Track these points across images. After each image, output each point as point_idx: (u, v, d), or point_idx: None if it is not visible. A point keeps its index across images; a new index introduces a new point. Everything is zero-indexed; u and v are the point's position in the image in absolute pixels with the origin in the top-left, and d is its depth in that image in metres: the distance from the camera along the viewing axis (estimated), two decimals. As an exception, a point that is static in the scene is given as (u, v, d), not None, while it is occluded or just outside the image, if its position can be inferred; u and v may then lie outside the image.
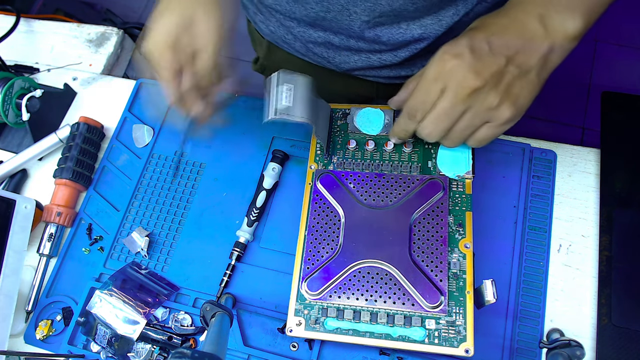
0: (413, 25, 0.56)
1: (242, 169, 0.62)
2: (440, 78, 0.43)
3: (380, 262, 0.48)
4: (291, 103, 0.47)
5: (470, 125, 0.45)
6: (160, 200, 0.62)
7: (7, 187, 0.66)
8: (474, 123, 0.45)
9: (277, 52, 0.73)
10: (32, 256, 0.62)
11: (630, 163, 0.55)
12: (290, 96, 0.47)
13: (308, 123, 0.48)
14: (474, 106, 0.43)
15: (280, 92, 0.47)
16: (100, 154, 0.67)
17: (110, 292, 0.55)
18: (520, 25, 0.43)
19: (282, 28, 0.64)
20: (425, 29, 0.56)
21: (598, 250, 0.53)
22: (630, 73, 1.59)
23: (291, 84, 0.48)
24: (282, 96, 0.47)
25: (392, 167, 0.53)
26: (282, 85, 0.47)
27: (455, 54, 0.43)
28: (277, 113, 0.46)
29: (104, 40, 0.78)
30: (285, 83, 0.47)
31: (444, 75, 0.43)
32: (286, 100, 0.47)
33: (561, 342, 0.48)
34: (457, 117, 0.44)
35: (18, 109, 0.68)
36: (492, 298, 0.43)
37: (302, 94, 0.48)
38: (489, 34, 0.43)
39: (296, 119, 0.47)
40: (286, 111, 0.46)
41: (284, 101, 0.47)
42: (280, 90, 0.47)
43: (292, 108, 0.47)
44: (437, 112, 0.45)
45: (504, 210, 0.55)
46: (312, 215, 0.51)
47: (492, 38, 0.43)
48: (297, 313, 0.48)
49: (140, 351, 0.54)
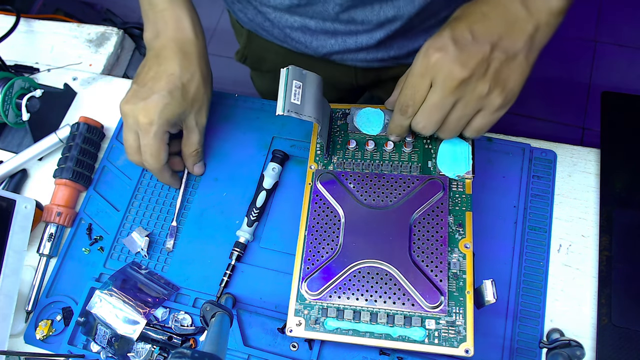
0: (386, 6, 0.57)
1: (242, 169, 0.62)
2: (427, 73, 0.43)
3: (380, 262, 0.48)
4: (299, 101, 0.47)
5: (464, 115, 0.45)
6: (160, 200, 0.62)
7: (7, 187, 0.66)
8: (466, 113, 0.45)
9: (256, 40, 0.74)
10: (32, 256, 0.62)
11: (630, 163, 0.55)
12: (299, 94, 0.47)
13: (314, 122, 0.49)
14: (464, 96, 0.44)
15: (289, 88, 0.47)
16: (100, 154, 0.67)
17: (110, 292, 0.55)
18: (502, 10, 0.43)
19: (259, 15, 0.65)
20: (399, 9, 0.57)
21: (598, 250, 0.53)
22: (630, 73, 1.59)
23: (300, 81, 0.48)
24: (292, 93, 0.47)
25: (392, 167, 0.53)
26: (292, 81, 0.47)
27: (439, 47, 0.43)
28: (286, 110, 0.46)
29: (104, 40, 0.78)
30: (295, 79, 0.48)
31: (430, 70, 0.43)
32: (295, 98, 0.47)
33: (561, 342, 0.48)
34: (448, 108, 0.45)
35: (18, 109, 0.68)
36: (492, 298, 0.43)
37: (311, 92, 0.49)
38: (471, 23, 0.43)
39: (304, 117, 0.47)
40: (295, 109, 0.47)
41: (293, 98, 0.47)
42: (290, 86, 0.47)
43: (301, 106, 0.47)
44: (428, 106, 0.45)
45: (504, 210, 0.55)
46: (312, 215, 0.51)
47: (475, 26, 0.43)
48: (297, 313, 0.48)
49: (140, 351, 0.54)
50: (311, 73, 0.50)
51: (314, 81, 0.50)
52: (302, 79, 0.48)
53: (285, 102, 0.46)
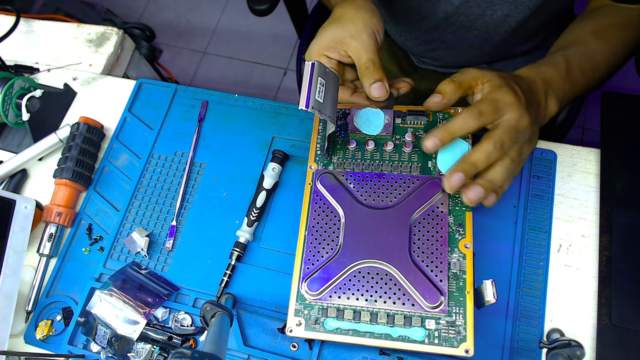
0: None
1: (242, 169, 0.62)
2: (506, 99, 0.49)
3: (380, 262, 0.48)
4: (322, 99, 0.48)
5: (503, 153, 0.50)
6: (160, 200, 0.62)
7: (7, 187, 0.66)
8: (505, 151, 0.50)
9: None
10: (32, 256, 0.62)
11: (630, 163, 0.55)
12: (322, 92, 0.48)
13: (331, 122, 0.49)
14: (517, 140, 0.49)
15: (314, 84, 0.47)
16: (100, 154, 0.67)
17: (110, 292, 0.55)
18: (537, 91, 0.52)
19: None
20: None
21: (598, 250, 0.53)
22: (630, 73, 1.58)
23: (325, 79, 0.48)
24: (316, 90, 0.47)
25: (392, 167, 0.53)
26: (317, 77, 0.47)
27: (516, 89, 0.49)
28: (310, 107, 0.46)
29: (104, 40, 0.78)
30: (320, 76, 0.48)
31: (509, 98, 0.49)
32: (319, 95, 0.47)
33: (561, 342, 0.48)
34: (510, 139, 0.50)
35: (18, 109, 0.68)
36: (492, 298, 0.43)
37: (331, 92, 0.49)
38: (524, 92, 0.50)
39: (324, 117, 0.48)
40: (318, 106, 0.47)
41: (317, 95, 0.47)
42: (315, 83, 0.47)
43: (324, 105, 0.48)
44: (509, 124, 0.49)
45: (504, 210, 0.55)
46: (312, 215, 0.51)
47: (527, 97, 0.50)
48: (297, 313, 0.48)
49: (140, 351, 0.54)
50: (332, 72, 0.50)
51: (334, 81, 0.50)
52: (326, 77, 0.49)
53: (310, 98, 0.46)
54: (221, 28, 1.82)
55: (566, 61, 0.55)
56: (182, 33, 1.84)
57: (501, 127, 0.47)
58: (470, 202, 0.47)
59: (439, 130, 0.47)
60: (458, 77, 0.50)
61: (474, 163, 0.46)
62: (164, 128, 0.67)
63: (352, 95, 0.55)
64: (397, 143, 0.54)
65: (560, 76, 0.54)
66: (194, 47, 1.82)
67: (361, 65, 0.52)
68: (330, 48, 0.54)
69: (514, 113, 0.47)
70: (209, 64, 1.78)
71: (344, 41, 0.53)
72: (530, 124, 0.48)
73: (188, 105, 0.68)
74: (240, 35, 1.79)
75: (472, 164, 0.46)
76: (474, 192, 0.46)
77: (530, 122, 0.48)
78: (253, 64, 1.74)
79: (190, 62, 1.80)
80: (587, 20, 0.63)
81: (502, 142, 0.46)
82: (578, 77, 0.56)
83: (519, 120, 0.47)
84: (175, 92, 0.69)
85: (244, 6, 0.95)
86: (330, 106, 0.49)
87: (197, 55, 1.81)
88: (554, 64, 0.55)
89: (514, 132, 0.47)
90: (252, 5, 0.90)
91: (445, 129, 0.47)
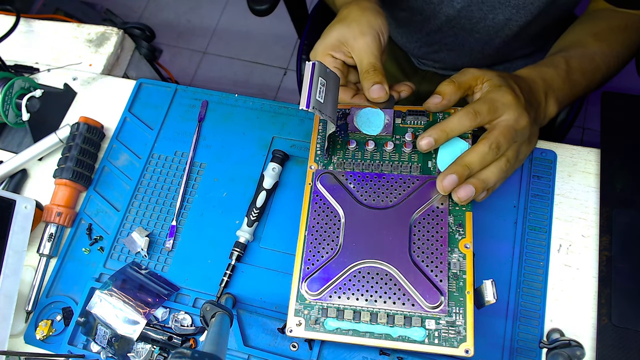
0: None
1: (242, 169, 0.62)
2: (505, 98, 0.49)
3: (380, 262, 0.48)
4: (323, 99, 0.48)
5: None
6: (160, 200, 0.62)
7: (7, 187, 0.66)
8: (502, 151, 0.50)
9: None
10: (32, 256, 0.62)
11: (630, 163, 0.55)
12: (323, 92, 0.48)
13: (331, 122, 0.49)
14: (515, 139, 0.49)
15: (315, 84, 0.47)
16: (100, 154, 0.67)
17: (110, 292, 0.55)
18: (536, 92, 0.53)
19: None
20: None
21: (598, 250, 0.53)
22: (630, 73, 1.58)
23: (325, 79, 0.48)
24: (317, 90, 0.47)
25: (392, 167, 0.53)
26: (318, 77, 0.47)
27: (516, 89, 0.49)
28: (311, 106, 0.46)
29: (104, 40, 0.78)
30: (320, 76, 0.48)
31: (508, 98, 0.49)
32: (319, 95, 0.47)
33: (561, 342, 0.48)
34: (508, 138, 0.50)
35: (18, 109, 0.68)
36: (492, 298, 0.43)
37: (332, 92, 0.49)
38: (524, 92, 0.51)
39: (325, 117, 0.48)
40: (318, 106, 0.47)
41: (318, 96, 0.47)
42: (316, 83, 0.47)
43: (324, 105, 0.48)
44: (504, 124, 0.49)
45: (504, 210, 0.55)
46: (312, 216, 0.51)
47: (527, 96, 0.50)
48: (297, 313, 0.48)
49: (140, 351, 0.54)
50: (333, 72, 0.50)
51: (335, 81, 0.50)
52: (327, 77, 0.49)
53: (311, 98, 0.46)
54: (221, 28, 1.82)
55: (566, 62, 0.55)
56: (182, 33, 1.84)
57: (498, 127, 0.47)
58: (460, 201, 0.47)
59: (433, 129, 0.47)
60: (458, 77, 0.50)
61: (468, 165, 0.46)
62: (164, 128, 0.67)
63: (353, 97, 0.55)
64: (397, 143, 0.54)
65: (560, 77, 0.54)
66: (194, 47, 1.82)
67: (363, 68, 0.52)
68: (335, 48, 0.54)
69: (512, 113, 0.47)
70: (209, 64, 1.78)
71: (348, 42, 0.53)
72: (529, 124, 0.48)
73: (188, 105, 0.68)
74: (240, 35, 1.79)
75: (465, 165, 0.46)
76: (464, 191, 0.47)
77: (529, 122, 0.48)
78: (253, 64, 1.74)
79: (190, 62, 1.80)
80: (587, 23, 0.63)
81: (497, 143, 0.46)
82: (578, 79, 0.56)
83: (517, 120, 0.47)
84: (175, 92, 0.69)
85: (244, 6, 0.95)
86: (331, 106, 0.49)
87: (197, 55, 1.81)
88: (554, 65, 0.55)
89: (511, 132, 0.47)
90: (252, 5, 0.90)
91: (440, 127, 0.47)
